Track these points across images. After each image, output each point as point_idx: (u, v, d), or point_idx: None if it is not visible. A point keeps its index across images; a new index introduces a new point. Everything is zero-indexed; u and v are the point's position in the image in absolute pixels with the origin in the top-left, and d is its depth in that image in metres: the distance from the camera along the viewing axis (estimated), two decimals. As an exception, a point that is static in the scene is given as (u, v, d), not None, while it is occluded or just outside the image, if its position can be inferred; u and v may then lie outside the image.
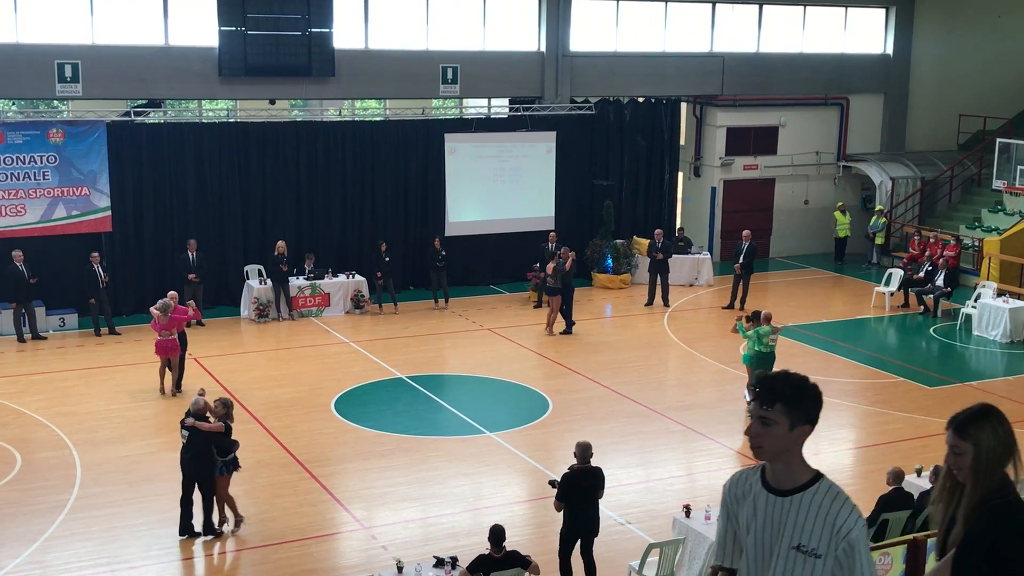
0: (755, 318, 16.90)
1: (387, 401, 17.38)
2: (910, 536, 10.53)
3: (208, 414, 12.42)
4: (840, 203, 28.88)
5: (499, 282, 25.36)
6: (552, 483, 11.31)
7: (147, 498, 13.64)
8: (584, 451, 11.06)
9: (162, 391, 17.37)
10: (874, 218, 28.30)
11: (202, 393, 12.94)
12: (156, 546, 12.24)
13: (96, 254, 20.86)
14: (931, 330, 22.49)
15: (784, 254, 29.37)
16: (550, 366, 19.45)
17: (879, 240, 28.28)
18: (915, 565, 10.37)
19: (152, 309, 17.73)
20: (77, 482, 13.94)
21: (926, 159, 29.66)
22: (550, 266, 21.51)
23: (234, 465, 12.57)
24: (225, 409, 12.43)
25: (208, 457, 12.40)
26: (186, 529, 12.49)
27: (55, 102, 23.17)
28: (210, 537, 12.46)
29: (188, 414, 12.56)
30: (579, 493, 10.97)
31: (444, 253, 23.40)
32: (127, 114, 22.19)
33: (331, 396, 17.43)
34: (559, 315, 21.37)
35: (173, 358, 17.40)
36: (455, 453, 15.23)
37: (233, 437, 12.59)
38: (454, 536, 12.46)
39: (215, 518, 12.55)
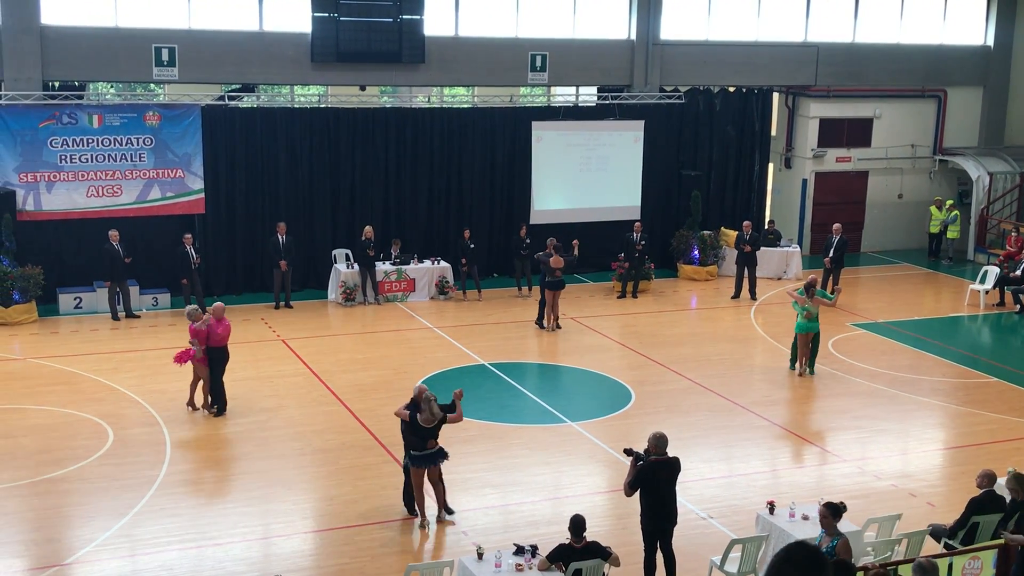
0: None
1: (469, 387, 17.29)
2: (1001, 540, 10.29)
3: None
4: (937, 198, 28.21)
5: (583, 271, 25.25)
6: (627, 451, 11.06)
7: (234, 476, 13.93)
8: (659, 442, 10.92)
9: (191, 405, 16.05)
10: (946, 212, 27.61)
11: (435, 399, 12.31)
12: (241, 524, 12.46)
13: (188, 235, 21.28)
14: (1028, 330, 21.90)
15: (876, 248, 28.79)
16: (633, 357, 19.33)
17: (951, 235, 27.51)
18: (1005, 569, 10.12)
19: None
20: (167, 458, 14.24)
21: (1026, 154, 28.83)
22: (556, 259, 20.76)
23: (413, 459, 12.27)
24: (418, 397, 12.23)
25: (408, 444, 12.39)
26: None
27: (152, 85, 23.65)
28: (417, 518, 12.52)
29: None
30: (656, 484, 10.87)
31: (529, 241, 23.40)
32: (221, 98, 22.59)
33: (415, 380, 17.41)
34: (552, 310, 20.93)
35: (198, 369, 15.77)
36: (536, 441, 15.24)
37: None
38: (534, 524, 12.46)
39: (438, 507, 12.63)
